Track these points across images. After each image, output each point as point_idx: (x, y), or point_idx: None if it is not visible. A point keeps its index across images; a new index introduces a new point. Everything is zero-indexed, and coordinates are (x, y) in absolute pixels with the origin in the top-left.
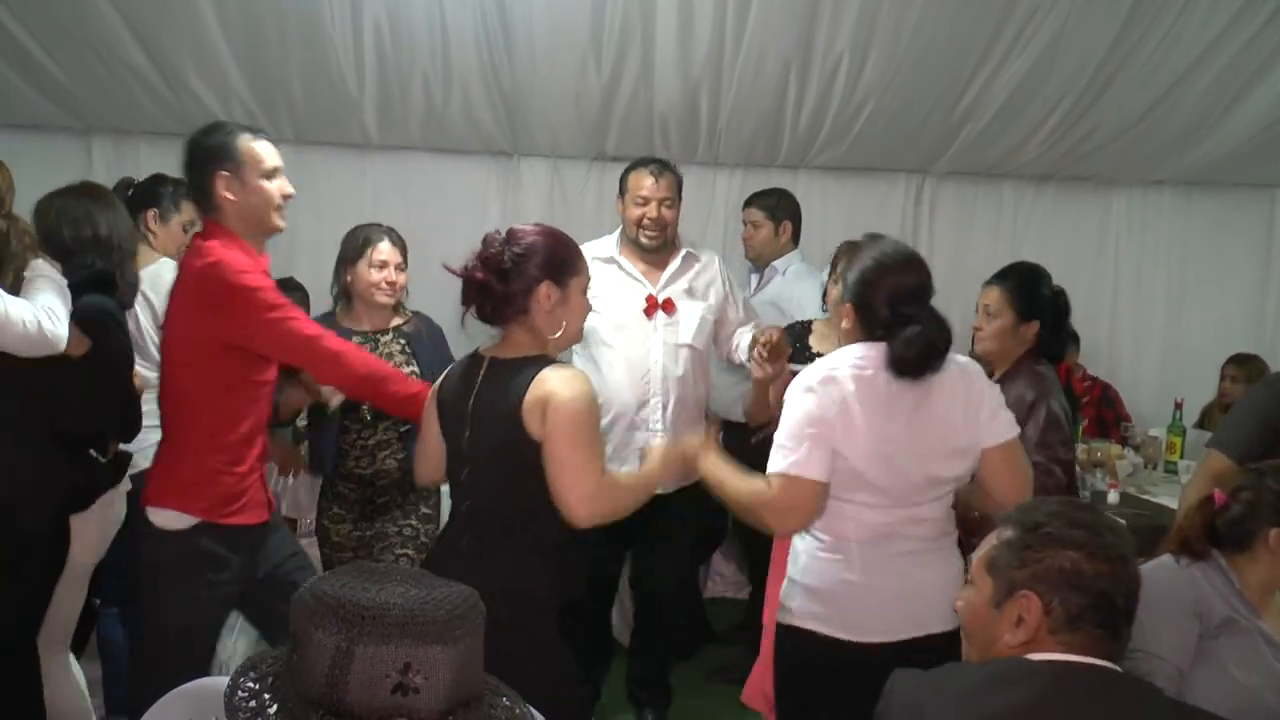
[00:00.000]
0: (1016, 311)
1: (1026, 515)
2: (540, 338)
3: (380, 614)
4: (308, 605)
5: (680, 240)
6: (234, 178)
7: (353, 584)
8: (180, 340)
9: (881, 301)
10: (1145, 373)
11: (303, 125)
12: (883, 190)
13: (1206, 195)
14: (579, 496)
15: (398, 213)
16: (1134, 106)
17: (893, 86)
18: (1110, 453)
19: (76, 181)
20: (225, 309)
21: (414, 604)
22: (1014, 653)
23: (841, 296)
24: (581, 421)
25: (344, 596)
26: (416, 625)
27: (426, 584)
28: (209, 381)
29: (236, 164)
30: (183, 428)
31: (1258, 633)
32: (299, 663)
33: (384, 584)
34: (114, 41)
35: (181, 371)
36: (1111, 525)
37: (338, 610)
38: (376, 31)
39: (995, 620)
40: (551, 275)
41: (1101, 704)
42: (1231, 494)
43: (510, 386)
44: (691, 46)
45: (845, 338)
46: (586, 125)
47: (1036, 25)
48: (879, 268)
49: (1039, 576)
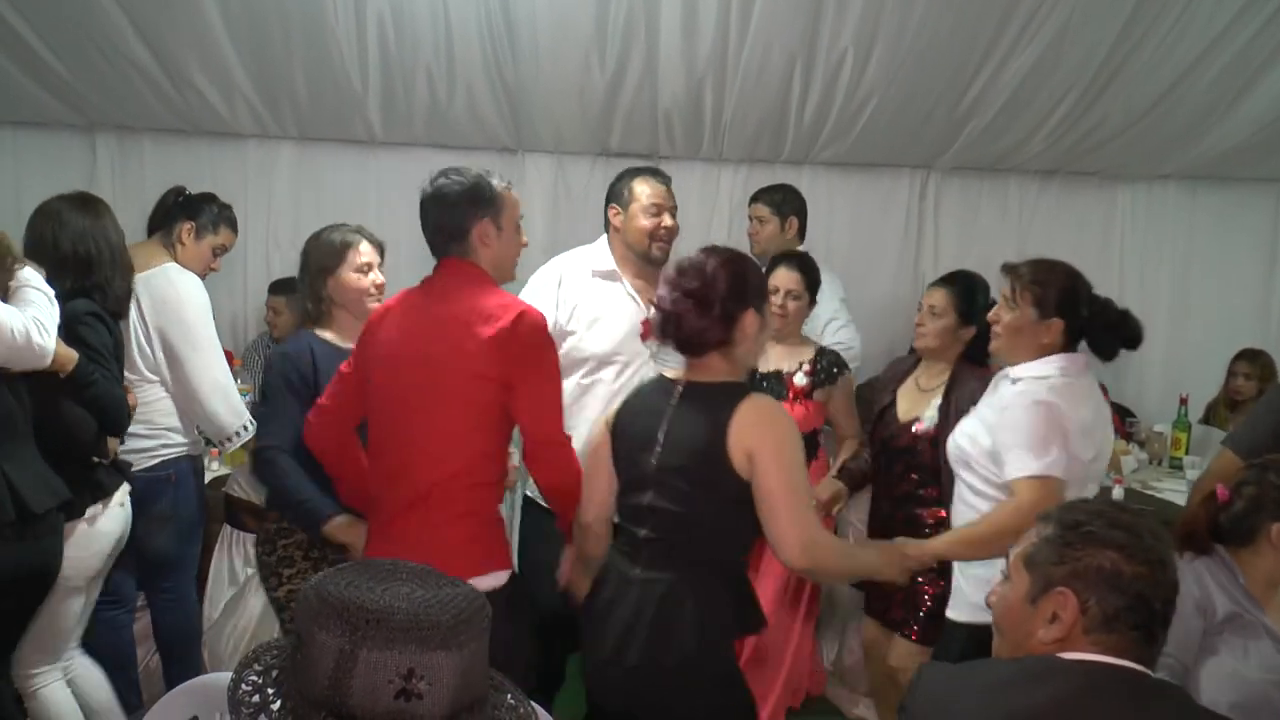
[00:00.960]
0: (959, 313)
1: (1067, 514)
2: (738, 364)
3: (385, 618)
4: (312, 604)
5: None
6: (493, 224)
7: (358, 582)
8: (459, 377)
9: (1085, 304)
10: (1150, 368)
11: (306, 122)
12: (887, 185)
13: (1212, 190)
14: (799, 543)
15: (401, 209)
16: (1139, 101)
17: (897, 81)
18: (1115, 449)
19: (74, 192)
20: (527, 359)
21: (419, 607)
22: (1046, 650)
23: (1039, 315)
24: (797, 464)
25: (348, 598)
26: (421, 630)
27: (432, 583)
28: (487, 423)
29: (498, 211)
30: (470, 473)
31: (1262, 627)
32: (303, 661)
33: (389, 583)
34: (118, 38)
35: (461, 412)
36: (1153, 529)
37: (342, 612)
38: (380, 27)
39: (1030, 616)
40: (754, 303)
41: (1132, 707)
42: (1234, 489)
43: (712, 413)
44: (696, 42)
45: (1041, 352)
46: (590, 121)
47: (1041, 20)
48: (1081, 278)
49: (1077, 574)
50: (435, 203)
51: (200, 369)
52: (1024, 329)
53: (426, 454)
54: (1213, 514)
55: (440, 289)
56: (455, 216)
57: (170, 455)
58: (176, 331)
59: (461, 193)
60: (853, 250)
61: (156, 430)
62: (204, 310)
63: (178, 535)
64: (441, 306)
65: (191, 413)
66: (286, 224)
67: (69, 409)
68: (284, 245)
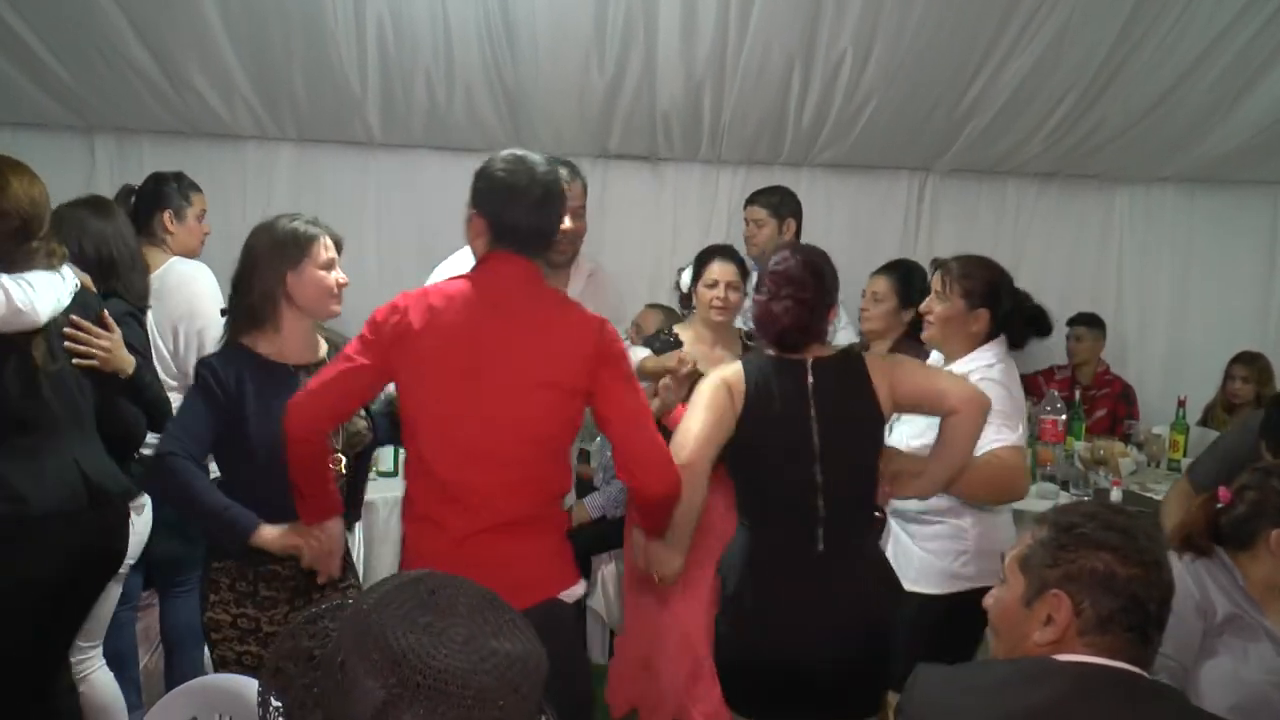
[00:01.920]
0: (899, 297)
1: (1062, 516)
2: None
3: (436, 682)
4: (361, 635)
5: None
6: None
7: (413, 618)
8: (550, 392)
9: (1008, 296)
10: (1148, 370)
11: (305, 123)
12: (886, 188)
13: (1210, 193)
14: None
15: (400, 211)
16: (1138, 103)
17: (896, 84)
18: (1113, 450)
19: (88, 196)
20: (616, 370)
21: (473, 667)
22: (1041, 652)
23: (969, 306)
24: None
25: (403, 647)
26: (467, 696)
27: (490, 625)
28: (570, 436)
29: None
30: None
31: (1262, 629)
32: (342, 689)
33: (448, 620)
34: (117, 40)
35: (549, 429)
36: (1147, 530)
37: (393, 662)
38: (379, 29)
39: (1025, 618)
40: (836, 296)
41: (1126, 708)
42: (1236, 492)
43: (853, 378)
44: (694, 44)
45: (971, 340)
46: (590, 123)
47: (1040, 22)
48: (1005, 273)
49: (1071, 576)
50: (554, 197)
51: None
52: (954, 319)
53: (509, 476)
54: (1213, 516)
55: (504, 290)
56: (555, 218)
57: None
58: (199, 324)
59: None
60: (851, 252)
61: None
62: (219, 301)
63: (186, 539)
64: (512, 311)
65: None
66: None
67: (125, 406)
68: None
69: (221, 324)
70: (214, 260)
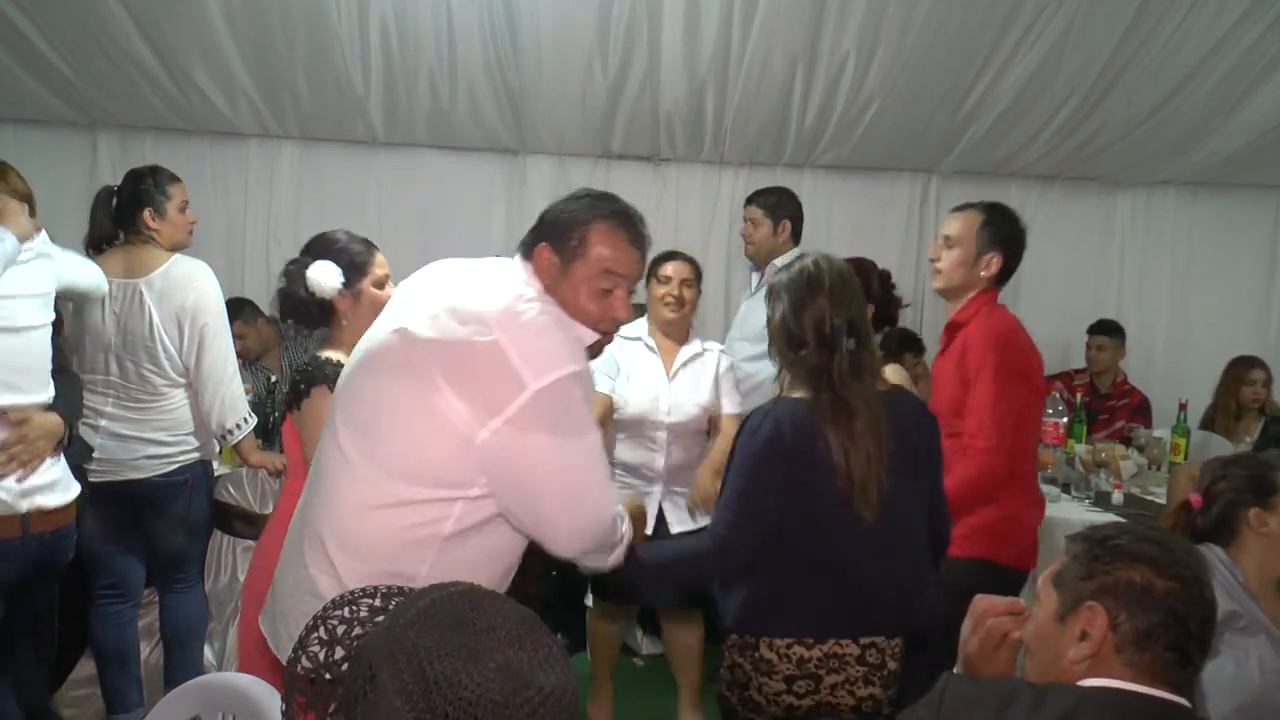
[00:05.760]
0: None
1: (1096, 531)
2: None
3: (465, 715)
4: (394, 652)
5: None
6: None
7: (449, 642)
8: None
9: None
10: (1149, 374)
11: (308, 122)
12: (888, 189)
13: (1211, 196)
14: None
15: (403, 210)
16: (1140, 107)
17: (898, 86)
18: (1114, 453)
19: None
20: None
21: (505, 700)
22: (1077, 670)
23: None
24: None
25: (435, 675)
26: None
27: (528, 653)
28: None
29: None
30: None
31: (1263, 628)
32: (370, 700)
33: (486, 642)
34: (120, 37)
35: None
36: (1186, 545)
37: (425, 689)
38: (383, 28)
39: (1059, 635)
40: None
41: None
42: (1204, 493)
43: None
44: (697, 45)
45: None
46: (592, 123)
47: (1043, 25)
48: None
49: (1106, 589)
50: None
51: (225, 351)
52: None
53: None
54: (1188, 523)
55: None
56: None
57: (187, 460)
58: (205, 318)
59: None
60: (853, 254)
61: (178, 436)
62: (221, 297)
63: (190, 534)
64: None
65: (200, 403)
66: (287, 224)
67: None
68: (284, 244)
69: (225, 322)
70: (215, 256)
